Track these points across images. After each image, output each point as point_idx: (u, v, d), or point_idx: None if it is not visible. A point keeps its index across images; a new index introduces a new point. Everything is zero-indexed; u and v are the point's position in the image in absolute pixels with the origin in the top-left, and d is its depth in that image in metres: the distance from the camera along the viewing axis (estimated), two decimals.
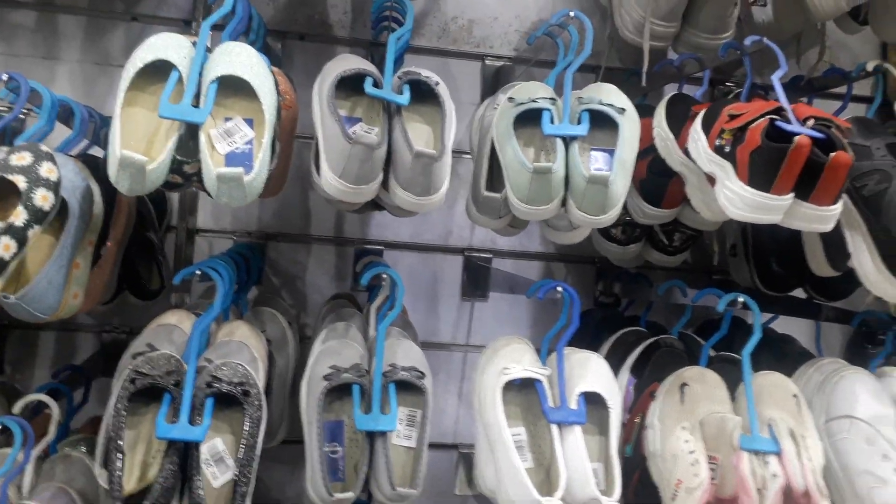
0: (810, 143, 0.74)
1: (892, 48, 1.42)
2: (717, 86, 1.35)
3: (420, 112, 0.89)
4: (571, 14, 0.92)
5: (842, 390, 0.95)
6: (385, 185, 0.83)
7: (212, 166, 0.74)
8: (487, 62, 1.33)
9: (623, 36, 1.11)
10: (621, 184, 0.80)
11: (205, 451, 0.74)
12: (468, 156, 1.18)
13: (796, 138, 0.74)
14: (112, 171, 0.75)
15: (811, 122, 0.79)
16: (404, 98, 0.80)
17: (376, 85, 0.83)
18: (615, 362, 1.07)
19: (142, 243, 1.08)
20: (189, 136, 0.79)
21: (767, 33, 1.19)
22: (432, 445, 1.30)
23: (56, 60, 1.23)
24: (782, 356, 1.14)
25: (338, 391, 0.85)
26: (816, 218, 0.79)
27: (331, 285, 1.28)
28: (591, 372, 0.87)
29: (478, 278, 1.34)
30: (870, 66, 0.98)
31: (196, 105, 0.78)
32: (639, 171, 1.02)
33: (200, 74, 0.80)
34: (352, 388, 0.83)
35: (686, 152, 0.90)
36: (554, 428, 0.81)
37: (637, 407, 0.96)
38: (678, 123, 0.95)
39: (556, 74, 0.89)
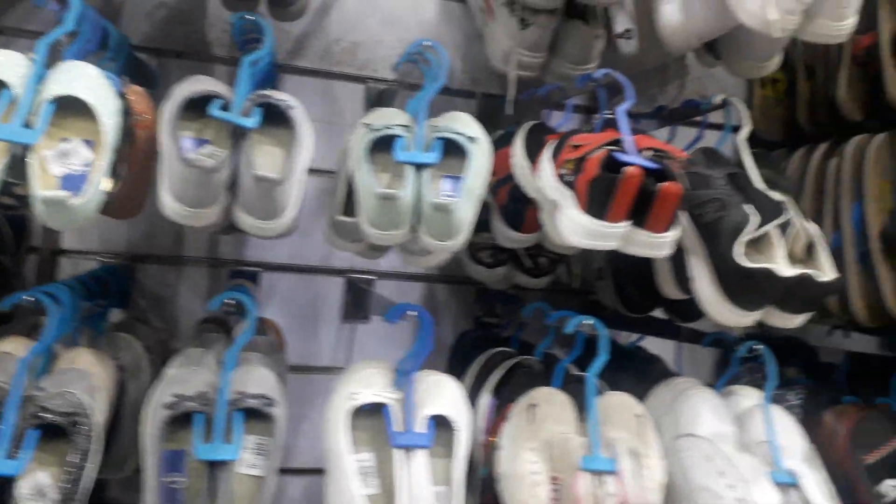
0: (641, 174, 0.78)
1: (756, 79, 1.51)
2: (592, 114, 1.41)
3: (276, 135, 0.88)
4: (428, 43, 0.94)
5: (687, 408, 0.99)
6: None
7: (36, 189, 0.72)
8: (370, 85, 1.33)
9: (493, 65, 1.14)
10: (467, 211, 0.82)
11: (24, 485, 0.71)
12: None
13: (626, 168, 0.77)
14: None
15: (648, 153, 0.83)
16: (250, 121, 0.80)
17: (226, 108, 0.83)
18: (481, 383, 1.09)
19: None
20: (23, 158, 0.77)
21: (633, 65, 1.24)
22: (309, 471, 1.30)
23: None
24: (645, 376, 1.18)
25: (183, 420, 0.84)
26: (651, 244, 0.83)
27: (203, 309, 1.26)
28: (441, 394, 0.88)
29: (359, 300, 1.34)
30: (717, 99, 1.03)
31: (29, 125, 0.76)
32: (501, 196, 1.04)
33: (37, 94, 0.78)
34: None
35: None
36: (398, 452, 0.82)
37: (493, 428, 0.97)
38: (536, 151, 0.98)
39: (415, 102, 0.91)
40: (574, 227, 0.81)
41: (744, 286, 0.86)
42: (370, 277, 1.34)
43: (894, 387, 1.27)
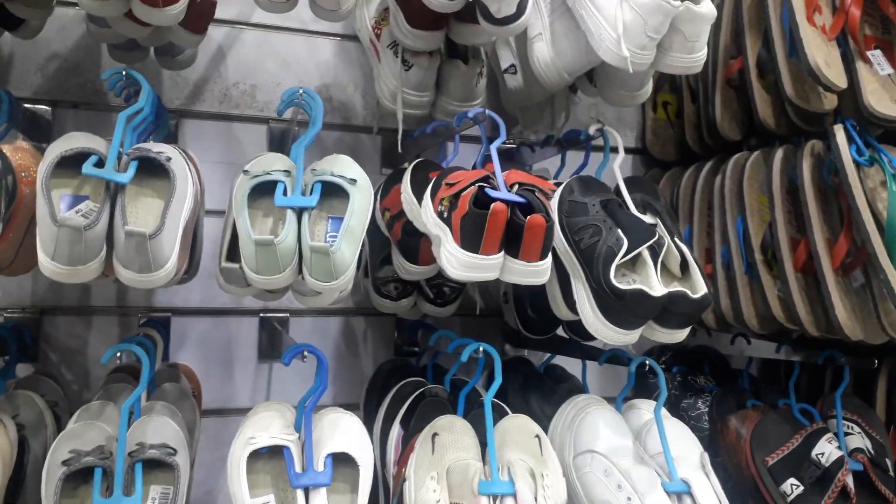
0: (506, 209, 0.82)
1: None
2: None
3: (157, 187, 0.89)
4: (301, 91, 0.97)
5: (585, 426, 1.03)
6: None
7: None
8: (272, 125, 1.36)
9: (382, 104, 1.18)
10: (348, 251, 0.85)
11: None
12: None
13: (493, 205, 0.81)
14: None
15: (516, 188, 0.88)
16: (124, 176, 0.81)
17: (102, 163, 0.84)
18: (392, 414, 1.11)
19: None
20: None
21: (521, 98, 1.30)
22: None
23: None
24: (552, 394, 1.22)
25: (86, 475, 0.84)
26: (527, 273, 0.87)
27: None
28: (340, 432, 0.90)
29: (274, 339, 1.36)
30: (592, 130, 1.09)
31: None
32: (396, 231, 1.08)
33: None
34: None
35: None
36: (300, 493, 0.84)
37: (402, 460, 0.99)
38: (422, 188, 1.02)
39: (295, 147, 0.94)
40: (452, 259, 0.85)
41: (619, 307, 0.91)
42: (284, 316, 1.36)
43: (793, 389, 1.34)
